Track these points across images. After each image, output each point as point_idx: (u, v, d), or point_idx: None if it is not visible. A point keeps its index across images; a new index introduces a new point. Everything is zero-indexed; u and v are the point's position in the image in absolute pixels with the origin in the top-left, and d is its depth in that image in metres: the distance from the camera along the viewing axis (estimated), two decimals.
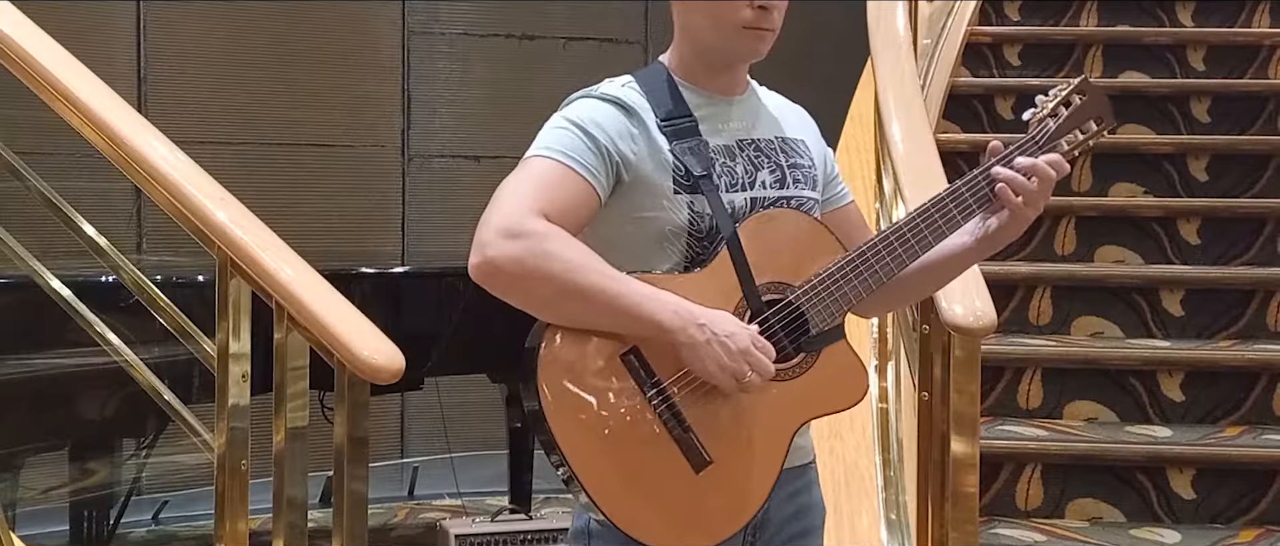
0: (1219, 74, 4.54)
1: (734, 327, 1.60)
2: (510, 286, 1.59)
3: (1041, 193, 1.72)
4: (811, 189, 1.82)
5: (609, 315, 1.59)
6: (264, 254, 2.35)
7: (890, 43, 3.53)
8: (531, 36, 5.92)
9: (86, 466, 3.72)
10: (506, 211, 1.60)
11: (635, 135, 1.69)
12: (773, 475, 1.67)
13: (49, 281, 2.98)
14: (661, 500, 1.61)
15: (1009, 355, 3.45)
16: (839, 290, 1.69)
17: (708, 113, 1.75)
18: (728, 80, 1.78)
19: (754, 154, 1.77)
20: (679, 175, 1.69)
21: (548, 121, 1.71)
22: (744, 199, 1.73)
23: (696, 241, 1.69)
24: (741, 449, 1.65)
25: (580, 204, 1.64)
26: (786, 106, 1.89)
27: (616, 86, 1.75)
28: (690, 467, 1.61)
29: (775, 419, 1.67)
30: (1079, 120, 1.77)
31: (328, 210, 5.63)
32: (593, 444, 1.59)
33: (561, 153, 1.65)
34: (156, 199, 2.46)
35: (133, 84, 5.30)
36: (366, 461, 2.31)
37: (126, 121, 2.51)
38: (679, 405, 1.62)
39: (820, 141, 1.90)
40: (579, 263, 1.58)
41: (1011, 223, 1.74)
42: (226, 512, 2.40)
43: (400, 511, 5.36)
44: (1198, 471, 3.15)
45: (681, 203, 1.68)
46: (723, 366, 1.58)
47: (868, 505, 2.98)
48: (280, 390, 2.37)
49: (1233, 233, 3.89)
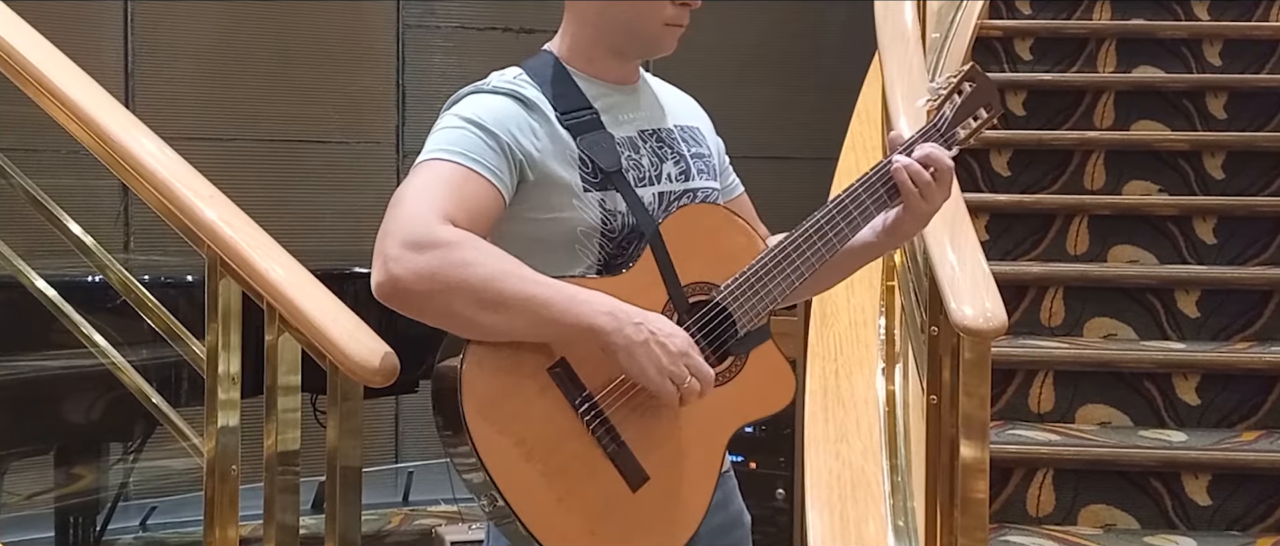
0: (1236, 69, 4.53)
1: (671, 328, 1.55)
2: (424, 304, 1.50)
3: (941, 183, 1.71)
4: (713, 179, 1.79)
5: (536, 324, 1.51)
6: (255, 253, 2.35)
7: (898, 37, 3.52)
8: (530, 30, 5.92)
9: (72, 471, 3.73)
10: (410, 221, 1.50)
11: (536, 129, 1.63)
12: (709, 487, 1.63)
13: (34, 281, 2.98)
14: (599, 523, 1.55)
15: (1020, 357, 3.44)
16: (764, 288, 1.65)
17: (607, 103, 1.70)
18: (626, 69, 1.74)
19: (657, 145, 1.73)
20: (587, 171, 1.63)
21: (438, 121, 1.64)
22: (652, 193, 1.69)
23: (610, 242, 1.64)
24: (678, 462, 1.60)
25: (486, 208, 1.56)
26: (676, 94, 1.86)
27: (509, 78, 1.68)
28: (627, 486, 1.56)
29: (708, 427, 1.63)
30: (971, 108, 1.80)
31: (320, 208, 5.63)
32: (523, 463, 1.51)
33: (460, 153, 1.57)
34: (144, 196, 2.46)
35: (120, 79, 5.31)
36: (360, 466, 2.31)
37: (113, 117, 2.51)
38: (612, 419, 1.56)
39: (712, 129, 1.88)
40: (498, 270, 1.49)
41: (910, 216, 1.72)
42: (216, 518, 2.40)
43: (394, 518, 5.36)
44: (1214, 477, 3.15)
45: (592, 200, 1.63)
46: (661, 369, 1.52)
47: (874, 511, 2.98)
48: (271, 393, 2.37)
49: (1250, 232, 3.88)
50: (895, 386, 3.24)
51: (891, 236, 1.76)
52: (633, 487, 1.56)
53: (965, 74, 1.81)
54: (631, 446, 1.56)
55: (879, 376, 3.28)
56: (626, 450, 1.56)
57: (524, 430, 1.52)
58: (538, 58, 1.74)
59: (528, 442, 1.52)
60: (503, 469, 1.50)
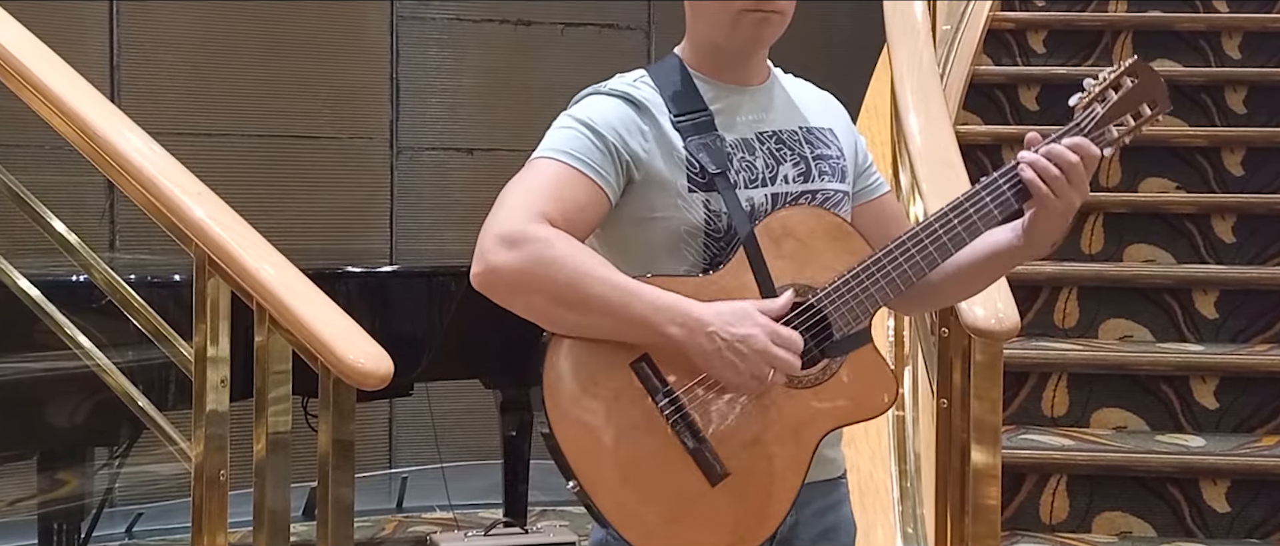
0: (1256, 62, 4.54)
1: (747, 329, 1.58)
2: (512, 296, 1.59)
3: (1075, 180, 1.68)
4: (840, 181, 1.81)
5: (613, 325, 1.59)
6: (244, 252, 2.35)
7: (907, 29, 3.53)
8: (528, 22, 5.92)
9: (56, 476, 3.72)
10: (507, 217, 1.60)
11: (646, 131, 1.69)
12: (794, 488, 1.66)
13: (16, 280, 2.98)
14: (676, 515, 1.61)
15: (1033, 360, 3.45)
16: (864, 292, 1.68)
17: (724, 105, 1.75)
18: (744, 69, 1.78)
19: (776, 146, 1.77)
20: (693, 172, 1.69)
21: (554, 122, 1.72)
22: (764, 195, 1.73)
23: (715, 242, 1.69)
24: (760, 460, 1.64)
25: (588, 206, 1.65)
26: (812, 93, 1.88)
27: (628, 81, 1.75)
28: (706, 480, 1.61)
29: (798, 428, 1.67)
30: (1130, 105, 1.75)
31: (312, 206, 5.64)
32: (603, 457, 1.59)
33: (566, 153, 1.66)
34: (130, 194, 2.46)
35: (105, 72, 5.31)
36: (352, 471, 2.31)
37: (99, 112, 2.51)
38: (692, 414, 1.62)
39: (851, 129, 1.89)
40: (582, 270, 1.58)
41: (1045, 215, 1.70)
42: (204, 525, 2.40)
43: (388, 524, 5.36)
44: (1232, 483, 3.15)
45: (696, 201, 1.68)
46: (739, 372, 1.58)
47: (883, 518, 2.99)
48: (261, 396, 2.37)
49: (1270, 230, 3.88)
50: (904, 389, 3.24)
51: (1031, 239, 1.74)
52: (711, 482, 1.62)
53: (1126, 68, 1.76)
54: (713, 442, 1.62)
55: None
56: (706, 445, 1.62)
57: (603, 417, 1.60)
58: (665, 61, 1.80)
59: (606, 432, 1.60)
60: (579, 451, 1.59)
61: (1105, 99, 1.75)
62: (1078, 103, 1.75)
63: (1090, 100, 1.75)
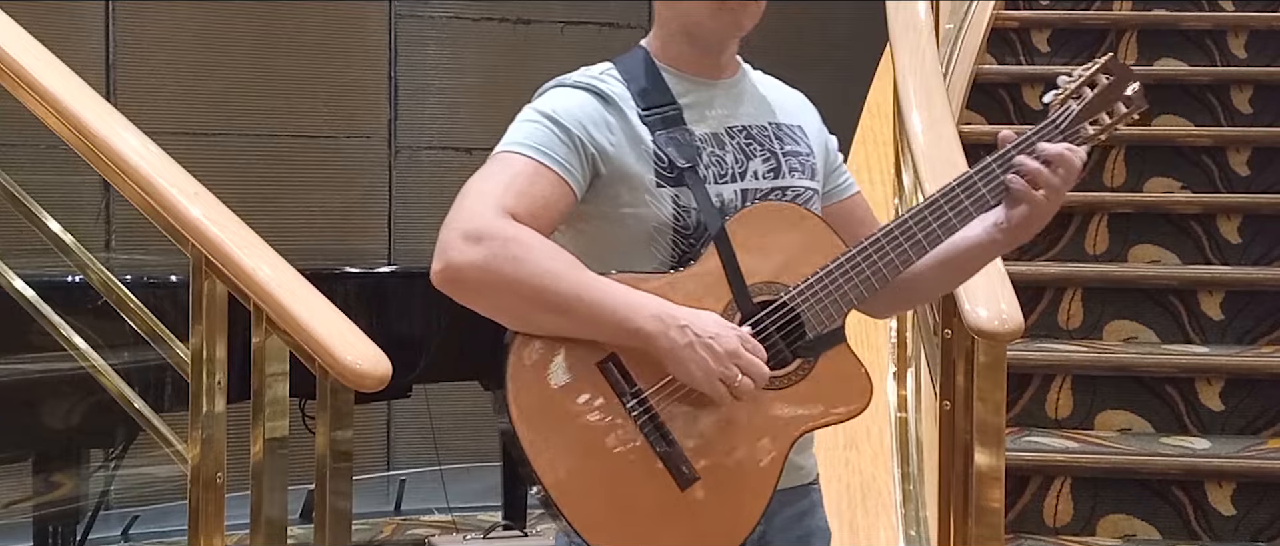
0: (1262, 61, 4.53)
1: (719, 329, 1.57)
2: (476, 294, 1.57)
3: (1063, 182, 1.68)
4: (810, 178, 1.79)
5: (582, 323, 1.57)
6: (241, 252, 2.36)
7: (910, 27, 3.53)
8: (527, 21, 5.92)
9: (52, 479, 3.72)
10: (470, 213, 1.58)
11: (613, 124, 1.67)
12: (766, 494, 1.63)
13: (11, 281, 2.98)
14: (644, 521, 1.58)
15: (1036, 361, 3.45)
16: (837, 290, 1.66)
17: (694, 99, 1.73)
18: (714, 62, 1.76)
19: (745, 141, 1.75)
20: (661, 167, 1.67)
21: (517, 115, 1.70)
22: (734, 191, 1.70)
23: (684, 238, 1.67)
24: (731, 464, 1.61)
25: (553, 202, 1.62)
26: (782, 90, 1.87)
27: (594, 74, 1.73)
28: (675, 485, 1.59)
29: (770, 431, 1.64)
30: (1106, 102, 1.75)
31: (309, 206, 5.64)
32: (569, 461, 1.56)
33: (531, 147, 1.63)
34: (126, 193, 2.46)
35: (101, 71, 5.31)
36: (350, 474, 2.31)
37: (95, 111, 2.51)
38: (661, 417, 1.59)
39: (821, 128, 1.88)
40: (548, 267, 1.55)
41: (1029, 215, 1.70)
42: (201, 528, 2.40)
43: (386, 527, 5.37)
44: (1238, 486, 3.15)
45: (665, 196, 1.66)
46: (709, 371, 1.55)
47: (886, 520, 2.99)
48: (258, 398, 2.37)
49: (1276, 230, 3.88)
50: (907, 391, 3.25)
51: (1009, 236, 1.74)
52: (681, 486, 1.59)
53: (1101, 65, 1.76)
54: (682, 446, 1.59)
55: (890, 380, 3.29)
56: (676, 449, 1.59)
57: (569, 419, 1.57)
58: (632, 54, 1.78)
59: (572, 435, 1.57)
60: (544, 455, 1.56)
61: (1080, 95, 1.75)
62: (1052, 99, 1.75)
63: (1065, 97, 1.75)
